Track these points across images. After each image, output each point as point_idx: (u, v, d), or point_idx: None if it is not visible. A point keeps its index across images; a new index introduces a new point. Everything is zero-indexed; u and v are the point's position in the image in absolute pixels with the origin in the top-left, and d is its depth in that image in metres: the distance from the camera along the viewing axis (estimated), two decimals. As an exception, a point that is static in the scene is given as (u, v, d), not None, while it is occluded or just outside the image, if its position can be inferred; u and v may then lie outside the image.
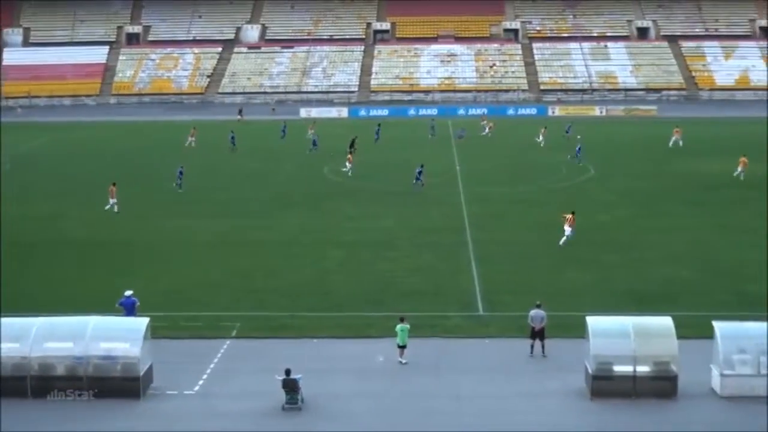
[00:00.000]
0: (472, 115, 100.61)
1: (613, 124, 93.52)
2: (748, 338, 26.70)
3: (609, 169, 64.76)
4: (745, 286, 36.55)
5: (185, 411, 25.90)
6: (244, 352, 30.28)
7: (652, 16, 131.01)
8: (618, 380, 26.35)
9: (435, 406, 26.07)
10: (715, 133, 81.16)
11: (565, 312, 32.34)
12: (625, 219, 49.33)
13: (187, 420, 25.38)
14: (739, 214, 50.09)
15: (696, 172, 63.03)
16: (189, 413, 25.76)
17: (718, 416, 25.16)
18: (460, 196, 55.45)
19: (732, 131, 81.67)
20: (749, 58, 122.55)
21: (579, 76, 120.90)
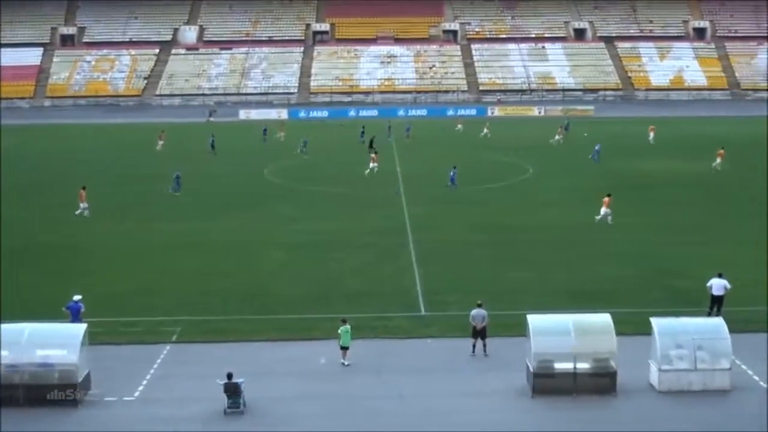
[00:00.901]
0: (412, 116, 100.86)
1: (551, 124, 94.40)
2: (684, 334, 27.14)
3: (547, 169, 65.41)
4: (680, 282, 37.15)
5: (124, 418, 25.49)
6: (184, 356, 29.93)
7: (589, 18, 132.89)
8: (558, 377, 26.58)
9: (378, 406, 26.04)
10: (644, 132, 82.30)
11: (506, 311, 32.52)
12: (563, 217, 49.83)
13: (127, 427, 24.98)
14: (674, 212, 50.95)
15: (632, 171, 63.97)
16: (128, 420, 25.35)
17: (656, 411, 25.52)
18: (401, 197, 55.52)
19: (667, 131, 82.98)
20: (683, 59, 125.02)
21: (518, 76, 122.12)
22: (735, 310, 32.00)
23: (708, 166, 64.39)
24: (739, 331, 28.95)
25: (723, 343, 26.73)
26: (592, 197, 54.91)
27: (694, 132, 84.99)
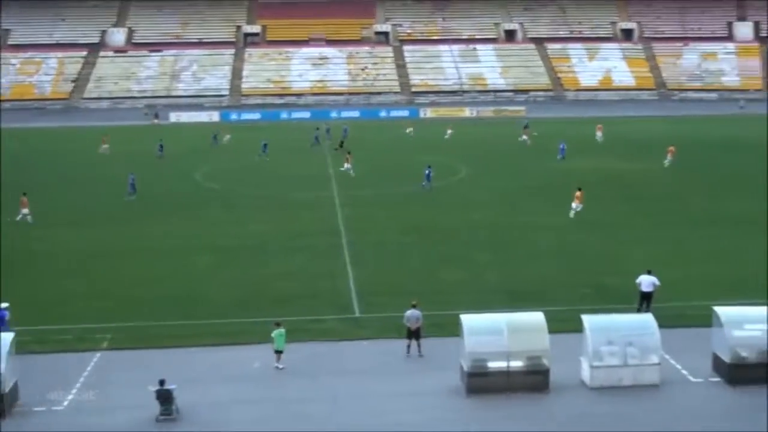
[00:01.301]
0: (345, 118, 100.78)
1: (483, 125, 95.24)
2: (615, 330, 27.54)
3: (480, 169, 65.89)
4: (610, 280, 37.69)
5: (54, 428, 24.97)
6: (115, 364, 29.44)
7: (519, 19, 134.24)
8: (492, 376, 26.76)
9: (312, 409, 25.93)
10: (581, 133, 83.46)
11: (440, 311, 32.64)
12: (496, 218, 50.21)
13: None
14: (602, 210, 51.65)
15: (564, 171, 64.74)
16: (58, 430, 24.84)
17: (588, 407, 25.85)
18: (334, 199, 55.44)
19: (592, 130, 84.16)
20: (611, 60, 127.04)
21: (450, 78, 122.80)
22: (664, 306, 32.60)
23: (640, 165, 65.54)
24: (667, 326, 29.46)
25: (652, 338, 27.20)
26: (526, 197, 55.67)
27: (624, 131, 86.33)
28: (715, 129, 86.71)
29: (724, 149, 74.00)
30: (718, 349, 27.84)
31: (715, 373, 27.77)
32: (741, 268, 39.52)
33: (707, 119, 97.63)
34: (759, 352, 27.34)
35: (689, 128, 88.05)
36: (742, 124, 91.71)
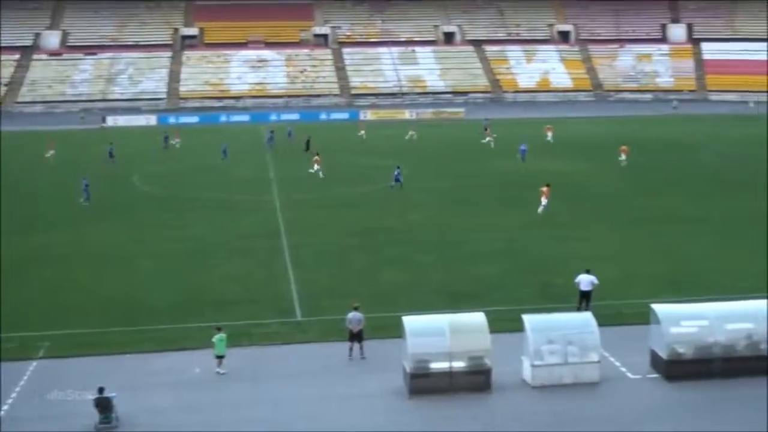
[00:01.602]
0: (284, 120, 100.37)
1: (423, 126, 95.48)
2: (555, 329, 27.78)
3: (420, 170, 66.09)
4: (550, 279, 38.07)
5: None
6: (53, 372, 28.83)
7: (458, 21, 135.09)
8: (435, 377, 26.82)
9: (255, 414, 25.73)
10: (520, 133, 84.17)
11: (382, 313, 32.62)
12: (437, 218, 50.40)
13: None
14: (545, 210, 52.14)
15: (503, 171, 65.27)
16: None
17: (530, 406, 26.04)
18: (274, 202, 55.15)
19: (535, 131, 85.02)
20: (549, 62, 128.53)
21: (389, 80, 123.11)
22: (603, 305, 33.02)
23: (581, 166, 66.34)
24: (607, 324, 29.85)
25: (592, 337, 27.49)
26: (466, 198, 55.94)
27: (563, 132, 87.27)
28: (651, 129, 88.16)
29: (660, 149, 75.26)
30: (655, 345, 28.26)
31: (653, 369, 28.18)
32: (678, 266, 40.26)
33: (642, 120, 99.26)
34: (695, 348, 27.82)
35: (626, 128, 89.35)
36: (675, 124, 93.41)
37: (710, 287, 35.88)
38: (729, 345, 27.80)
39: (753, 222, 48.43)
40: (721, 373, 27.44)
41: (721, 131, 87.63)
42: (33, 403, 26.41)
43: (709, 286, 36.12)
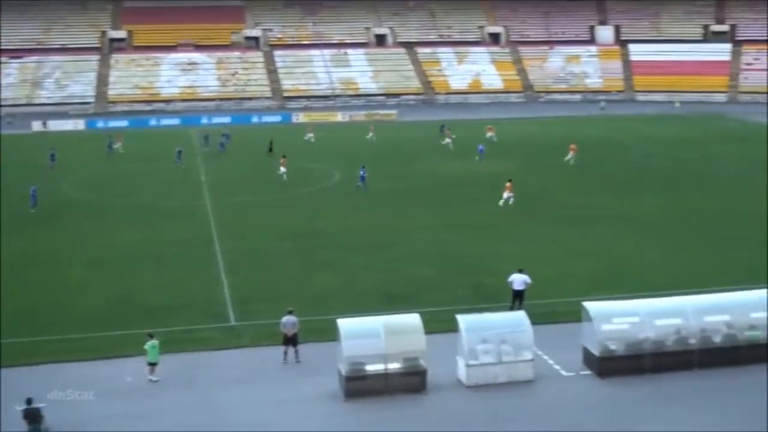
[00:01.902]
0: (216, 124, 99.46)
1: (355, 129, 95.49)
2: (489, 329, 27.97)
3: (353, 173, 65.93)
4: (484, 279, 38.35)
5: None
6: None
7: (389, 24, 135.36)
8: (370, 379, 26.80)
9: (189, 421, 25.41)
10: (453, 135, 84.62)
11: (316, 316, 32.53)
12: (370, 221, 50.40)
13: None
14: (475, 211, 52.57)
15: (435, 173, 65.55)
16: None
17: (465, 405, 26.16)
18: (206, 207, 54.59)
19: (466, 132, 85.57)
20: (480, 63, 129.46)
21: (321, 82, 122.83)
22: (535, 304, 33.35)
23: (514, 165, 66.91)
24: (540, 323, 30.18)
25: (525, 335, 27.74)
26: (402, 200, 56.04)
27: (496, 133, 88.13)
28: (580, 129, 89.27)
29: (590, 149, 76.22)
30: (588, 343, 28.63)
31: (585, 366, 28.55)
32: (609, 264, 40.88)
33: (572, 120, 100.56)
34: (626, 344, 28.25)
35: (556, 129, 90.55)
36: (603, 124, 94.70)
37: (640, 284, 36.54)
38: (659, 340, 28.29)
39: (681, 219, 49.51)
40: (651, 369, 27.93)
41: (648, 131, 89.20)
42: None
43: (638, 283, 36.77)
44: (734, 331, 28.85)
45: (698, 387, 27.17)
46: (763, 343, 28.86)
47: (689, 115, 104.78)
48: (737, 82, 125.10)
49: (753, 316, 29.08)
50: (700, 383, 27.41)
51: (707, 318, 28.91)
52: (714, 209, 52.21)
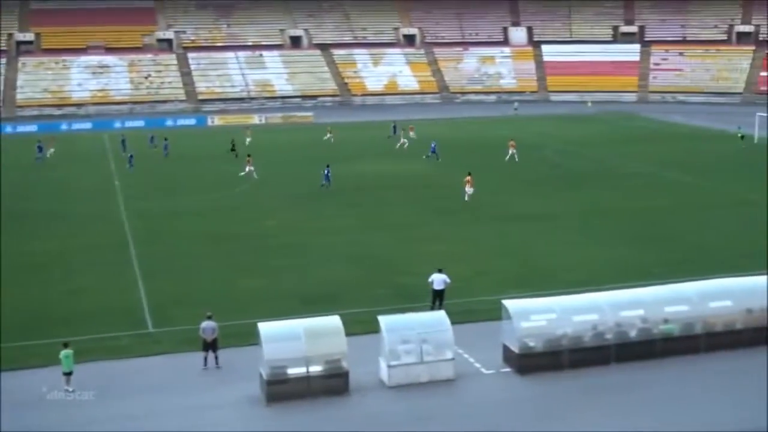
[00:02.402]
0: (129, 128, 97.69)
1: (272, 131, 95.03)
2: (409, 329, 28.05)
3: (272, 176, 65.61)
4: (404, 279, 38.47)
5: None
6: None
7: (304, 25, 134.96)
8: (292, 383, 26.64)
9: (108, 430, 24.87)
10: (369, 136, 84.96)
11: (236, 320, 32.22)
12: (289, 223, 50.16)
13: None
14: (391, 212, 52.74)
15: (352, 174, 65.53)
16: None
17: (387, 406, 26.19)
18: (120, 212, 53.60)
19: (383, 133, 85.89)
20: (396, 65, 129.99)
21: (236, 85, 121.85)
22: (455, 303, 33.60)
23: (427, 167, 67.31)
24: (460, 322, 30.42)
25: (446, 334, 27.90)
26: (321, 201, 55.89)
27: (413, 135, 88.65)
28: (495, 129, 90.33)
29: (505, 148, 77.17)
30: (507, 340, 28.93)
31: (505, 364, 28.84)
32: (527, 262, 41.42)
33: (487, 120, 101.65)
34: (545, 341, 28.64)
35: (472, 129, 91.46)
36: (517, 124, 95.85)
37: (557, 281, 37.14)
38: (576, 336, 28.75)
39: (595, 217, 50.47)
40: (569, 364, 28.37)
41: (561, 130, 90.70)
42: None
43: (556, 281, 37.37)
44: (649, 325, 29.48)
45: (615, 381, 27.69)
46: (677, 336, 29.59)
47: (601, 114, 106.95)
48: (647, 81, 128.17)
49: (667, 310, 29.78)
50: (617, 377, 27.95)
51: (622, 313, 29.49)
52: (626, 207, 53.33)
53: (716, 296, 30.66)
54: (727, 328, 30.22)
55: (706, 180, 61.80)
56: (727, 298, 30.65)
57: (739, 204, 53.98)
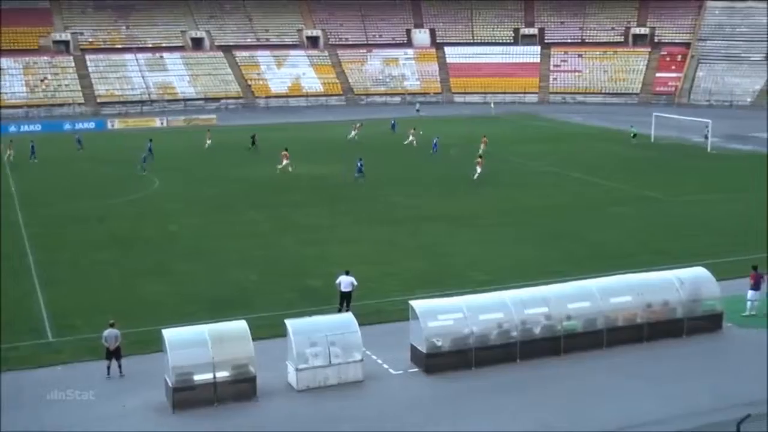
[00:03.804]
0: (25, 132, 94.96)
1: (174, 134, 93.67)
2: (317, 331, 27.90)
3: (175, 179, 64.67)
4: (311, 282, 38.31)
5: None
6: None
7: (206, 27, 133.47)
8: (199, 389, 26.20)
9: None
10: (275, 138, 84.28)
11: (141, 327, 31.60)
12: (195, 227, 49.47)
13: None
14: (300, 214, 52.52)
15: (257, 177, 65.05)
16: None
17: (295, 410, 25.98)
18: (17, 218, 52.03)
19: (289, 135, 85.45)
20: (300, 66, 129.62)
21: (137, 87, 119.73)
22: (363, 304, 33.63)
23: (334, 169, 67.15)
24: (368, 323, 30.47)
25: (354, 336, 27.86)
26: (226, 204, 55.27)
27: (317, 135, 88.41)
28: (399, 130, 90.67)
29: (409, 150, 77.68)
30: (415, 340, 29.04)
31: (413, 364, 28.94)
32: (434, 262, 41.67)
33: (389, 122, 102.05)
34: (452, 340, 28.84)
35: (377, 131, 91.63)
36: (420, 125, 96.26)
37: (464, 280, 37.50)
38: (483, 335, 29.03)
39: (500, 216, 51.16)
40: (476, 363, 28.63)
41: (465, 131, 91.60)
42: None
43: (463, 280, 37.72)
44: (553, 322, 29.96)
45: (521, 378, 28.05)
46: (580, 332, 30.15)
47: (504, 115, 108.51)
48: (547, 83, 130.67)
49: (570, 307, 30.33)
50: (523, 374, 28.31)
51: (527, 311, 29.89)
52: (531, 206, 54.22)
53: (617, 292, 31.38)
54: (628, 323, 30.94)
55: (604, 178, 63.29)
56: (628, 293, 31.39)
57: (637, 200, 55.46)
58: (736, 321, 32.70)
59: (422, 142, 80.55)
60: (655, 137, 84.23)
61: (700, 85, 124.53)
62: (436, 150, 75.85)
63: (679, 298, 31.53)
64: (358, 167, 63.24)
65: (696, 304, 31.86)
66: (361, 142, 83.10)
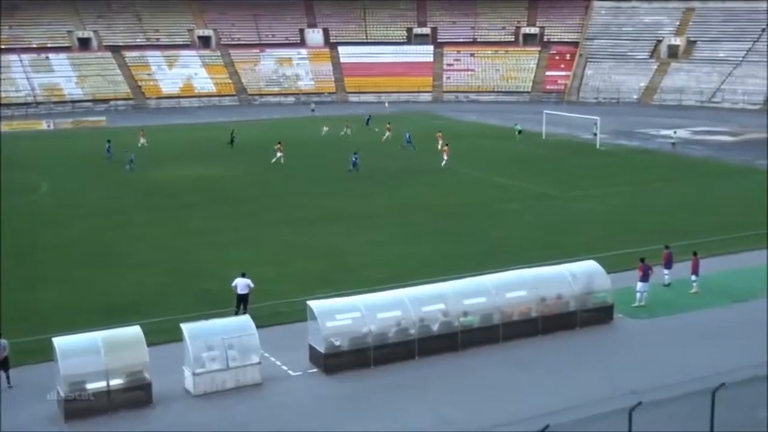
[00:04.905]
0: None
1: (62, 137, 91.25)
2: (214, 335, 27.50)
3: (64, 183, 62.98)
4: (207, 285, 37.77)
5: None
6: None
7: (93, 27, 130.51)
8: (92, 398, 25.50)
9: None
10: (167, 140, 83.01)
11: (30, 336, 30.61)
12: (88, 231, 48.24)
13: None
14: (193, 216, 51.78)
15: (151, 179, 63.89)
16: None
17: (193, 415, 25.54)
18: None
19: (182, 136, 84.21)
20: (191, 67, 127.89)
21: (21, 89, 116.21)
22: (261, 306, 33.33)
23: (233, 170, 66.39)
24: (266, 325, 30.21)
25: (251, 339, 27.56)
26: (120, 209, 54.10)
27: (208, 136, 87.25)
28: (293, 131, 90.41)
29: (305, 149, 77.35)
30: (313, 341, 28.91)
31: (312, 364, 28.81)
32: (332, 262, 41.60)
33: (286, 122, 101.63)
34: (350, 339, 28.81)
35: (273, 131, 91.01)
36: (313, 125, 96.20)
37: (362, 280, 37.50)
38: (381, 333, 29.08)
39: (397, 214, 51.39)
40: (376, 362, 28.67)
41: (364, 131, 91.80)
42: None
43: (360, 279, 37.72)
44: (450, 318, 30.22)
45: (420, 375, 28.20)
46: (477, 328, 30.50)
47: (399, 114, 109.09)
48: (441, 82, 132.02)
49: (466, 303, 30.64)
50: (422, 371, 28.47)
51: (425, 308, 30.08)
52: (430, 204, 54.64)
53: (512, 287, 31.87)
54: (523, 317, 31.45)
55: (500, 175, 64.22)
56: (522, 288, 31.91)
57: (531, 197, 56.48)
58: (626, 312, 33.61)
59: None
60: (546, 134, 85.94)
61: (589, 83, 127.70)
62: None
63: (572, 292, 32.22)
64: (353, 161, 65.59)
65: (588, 297, 32.63)
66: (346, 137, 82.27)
